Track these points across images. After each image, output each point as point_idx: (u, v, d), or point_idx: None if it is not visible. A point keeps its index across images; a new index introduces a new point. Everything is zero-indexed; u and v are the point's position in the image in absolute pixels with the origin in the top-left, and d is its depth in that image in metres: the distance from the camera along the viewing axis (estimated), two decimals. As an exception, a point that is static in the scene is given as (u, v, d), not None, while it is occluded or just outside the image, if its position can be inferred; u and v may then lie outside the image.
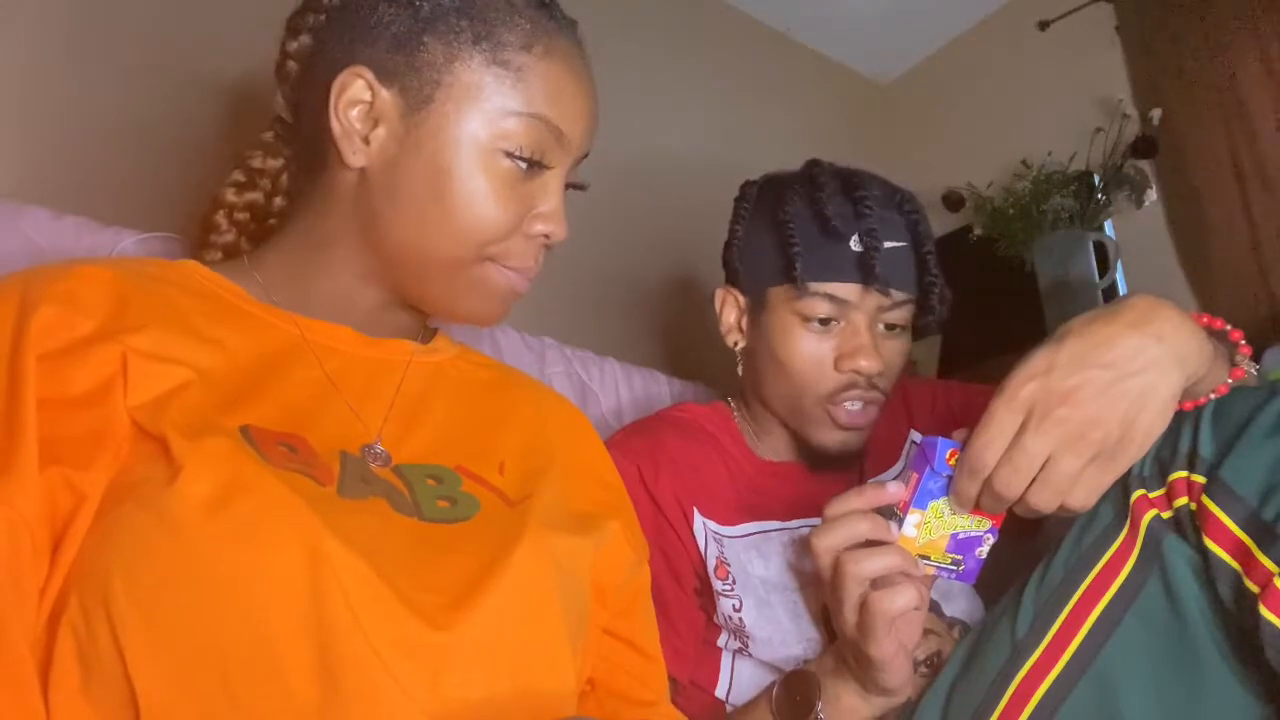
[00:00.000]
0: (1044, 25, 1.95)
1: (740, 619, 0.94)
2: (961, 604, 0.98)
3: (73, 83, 1.26)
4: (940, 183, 1.96)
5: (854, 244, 0.96)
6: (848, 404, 0.98)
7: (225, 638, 0.51)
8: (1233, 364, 0.71)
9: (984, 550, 0.74)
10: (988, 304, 1.77)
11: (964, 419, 1.02)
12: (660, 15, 2.03)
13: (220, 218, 0.78)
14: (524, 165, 0.69)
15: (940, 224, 2.01)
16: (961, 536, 0.73)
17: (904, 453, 1.10)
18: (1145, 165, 1.75)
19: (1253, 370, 0.72)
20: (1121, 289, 1.75)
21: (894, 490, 0.76)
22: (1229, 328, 0.73)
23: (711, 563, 0.97)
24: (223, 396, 0.61)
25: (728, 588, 0.96)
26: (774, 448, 1.07)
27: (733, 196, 1.10)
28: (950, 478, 0.72)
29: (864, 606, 0.76)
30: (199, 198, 0.83)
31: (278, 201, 0.79)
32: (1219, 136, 1.65)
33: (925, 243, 1.00)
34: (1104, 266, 1.69)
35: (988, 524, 0.73)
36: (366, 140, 0.69)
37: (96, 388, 0.57)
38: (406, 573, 0.58)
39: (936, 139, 2.20)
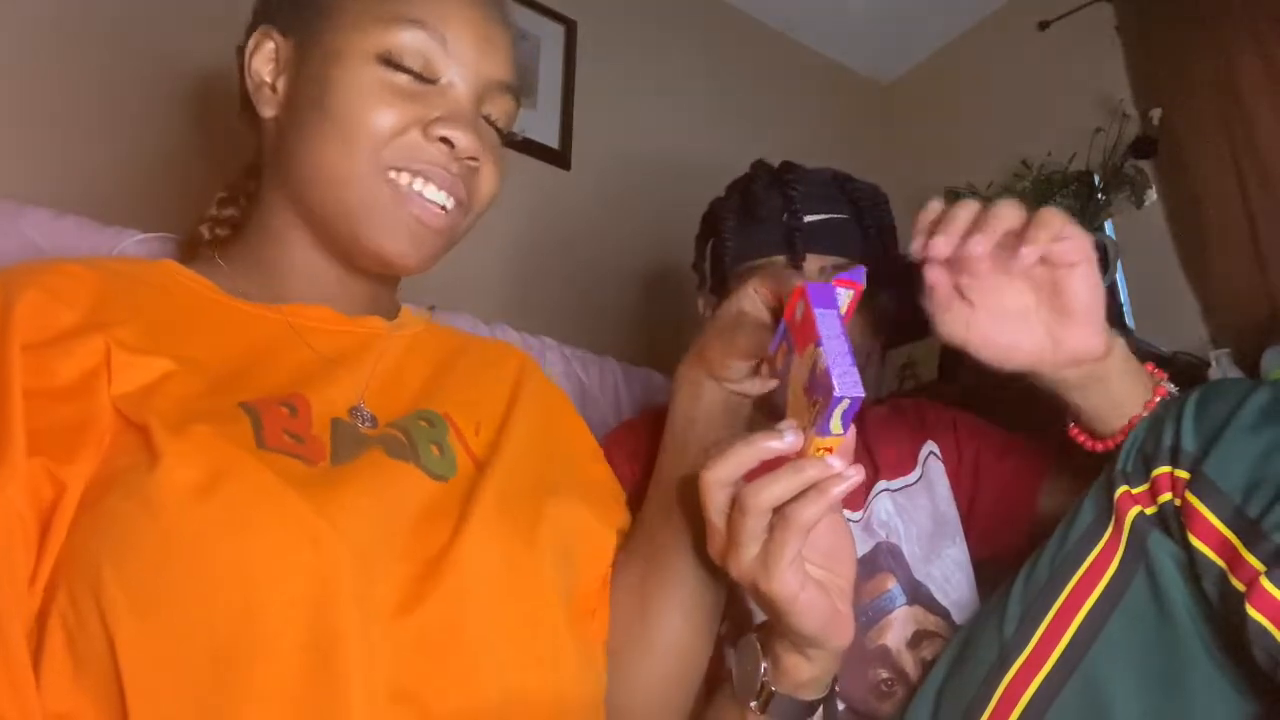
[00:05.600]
0: (1044, 25, 1.95)
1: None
2: (964, 592, 0.98)
3: (72, 81, 1.27)
4: (940, 183, 1.96)
5: (783, 220, 1.01)
6: None
7: (214, 625, 0.52)
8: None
9: (822, 363, 0.61)
10: (987, 304, 1.77)
11: (985, 475, 1.02)
12: (660, 15, 2.03)
13: (204, 229, 0.81)
14: (405, 74, 0.69)
15: (940, 224, 2.01)
16: (807, 381, 0.64)
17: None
18: (1145, 165, 1.75)
19: (1173, 389, 0.73)
20: (1121, 289, 1.75)
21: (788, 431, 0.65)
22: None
23: None
24: (212, 383, 0.61)
25: None
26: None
27: (733, 196, 1.12)
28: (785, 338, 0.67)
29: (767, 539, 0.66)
30: (198, 198, 0.84)
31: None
32: (1219, 136, 1.65)
33: (867, 216, 1.03)
34: (1104, 266, 1.68)
35: (812, 347, 0.63)
36: (275, 89, 0.73)
37: (80, 379, 0.58)
38: (392, 547, 0.58)
39: (936, 139, 2.20)
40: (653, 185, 1.86)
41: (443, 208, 0.71)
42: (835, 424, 0.60)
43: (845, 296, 0.65)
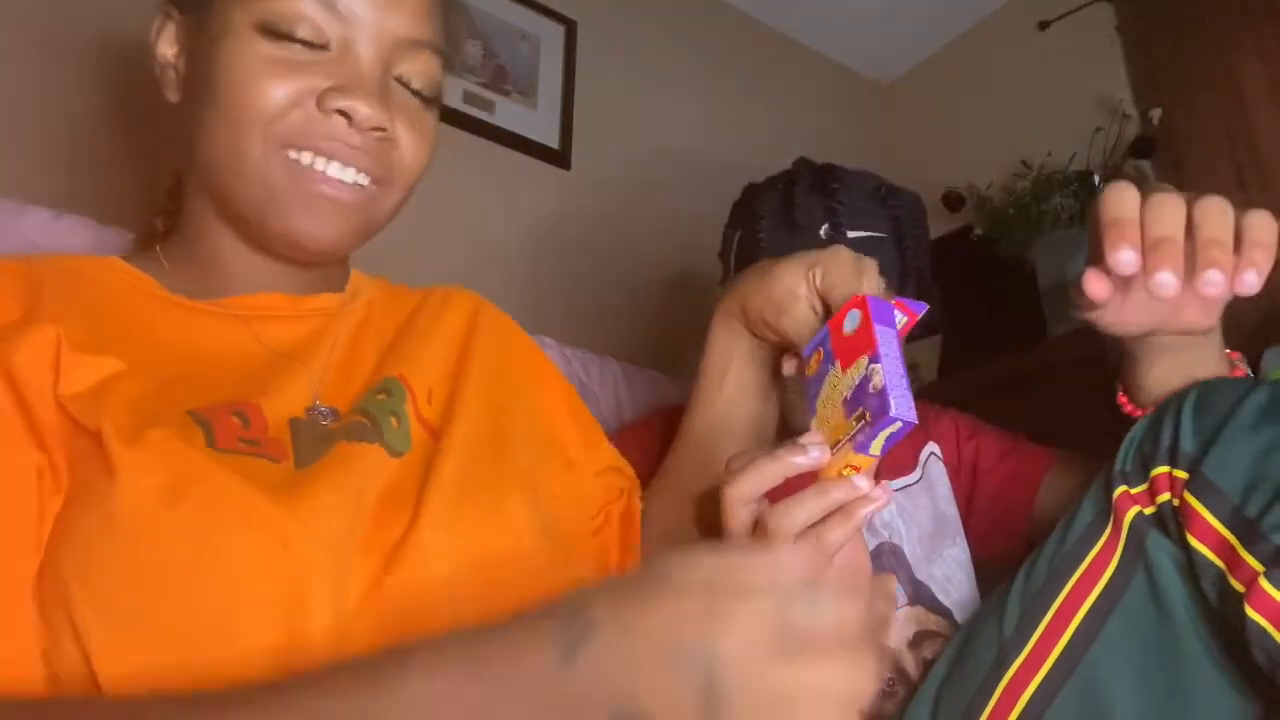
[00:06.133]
0: (1044, 25, 1.95)
1: None
2: (965, 592, 0.98)
3: (69, 81, 1.27)
4: (940, 183, 1.96)
5: (822, 234, 0.98)
6: None
7: (189, 634, 0.50)
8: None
9: (878, 380, 0.59)
10: (988, 304, 1.77)
11: (983, 476, 1.02)
12: (660, 15, 2.03)
13: (159, 222, 0.78)
14: (293, 42, 0.62)
15: (940, 224, 2.01)
16: (850, 394, 0.61)
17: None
18: (1145, 165, 1.75)
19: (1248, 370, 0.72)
20: (1121, 289, 1.75)
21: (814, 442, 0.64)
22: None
23: None
24: (159, 385, 0.58)
25: None
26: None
27: (732, 196, 1.11)
28: (823, 356, 0.65)
29: None
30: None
31: None
32: (1219, 136, 1.65)
33: (907, 237, 1.00)
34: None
35: (864, 359, 0.61)
36: (177, 70, 0.69)
37: (38, 373, 0.55)
38: (356, 538, 0.55)
39: (936, 139, 2.20)
40: (653, 185, 1.86)
41: (355, 184, 0.65)
42: (877, 445, 0.59)
43: (900, 320, 0.63)
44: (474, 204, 1.63)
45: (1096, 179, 1.75)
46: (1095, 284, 0.64)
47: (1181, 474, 0.65)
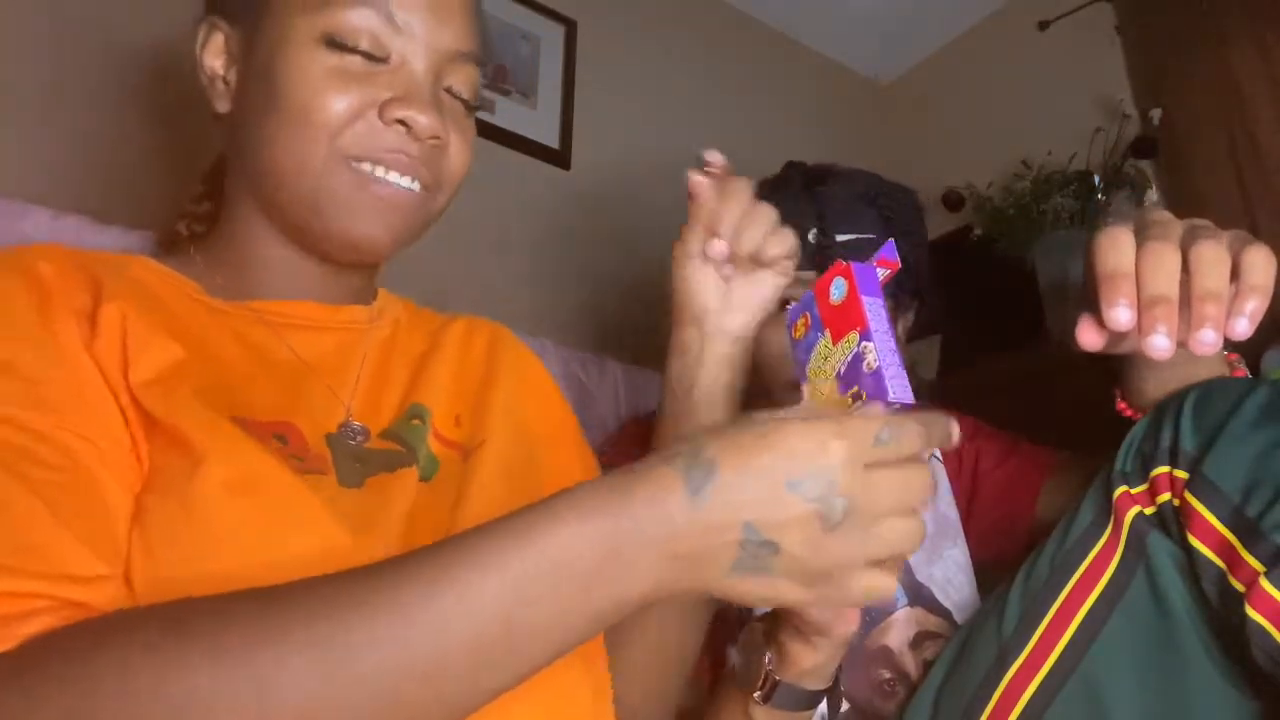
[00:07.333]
0: (1044, 25, 1.95)
1: None
2: (966, 594, 0.99)
3: (70, 81, 1.27)
4: (940, 183, 1.96)
5: (810, 238, 0.98)
6: None
7: None
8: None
9: (871, 359, 0.60)
10: (987, 304, 1.77)
11: (984, 478, 1.01)
12: (660, 15, 2.03)
13: (181, 226, 0.79)
14: (354, 55, 0.65)
15: (940, 224, 2.01)
16: (843, 369, 0.62)
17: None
18: (1145, 165, 1.75)
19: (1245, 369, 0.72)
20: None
21: None
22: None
23: None
24: (209, 383, 0.60)
25: None
26: None
27: (732, 197, 1.10)
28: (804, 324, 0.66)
29: None
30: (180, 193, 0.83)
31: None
32: (1219, 136, 1.65)
33: (898, 236, 1.00)
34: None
35: (855, 335, 0.62)
36: (227, 81, 0.70)
37: (112, 361, 0.57)
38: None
39: (936, 139, 2.20)
40: (653, 185, 1.86)
41: (409, 189, 0.68)
42: None
43: (881, 275, 0.64)
44: (473, 204, 1.63)
45: (1096, 179, 1.75)
46: (1088, 335, 0.64)
47: (1182, 474, 0.65)
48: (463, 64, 0.71)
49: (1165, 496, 0.66)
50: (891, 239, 0.64)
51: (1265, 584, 0.58)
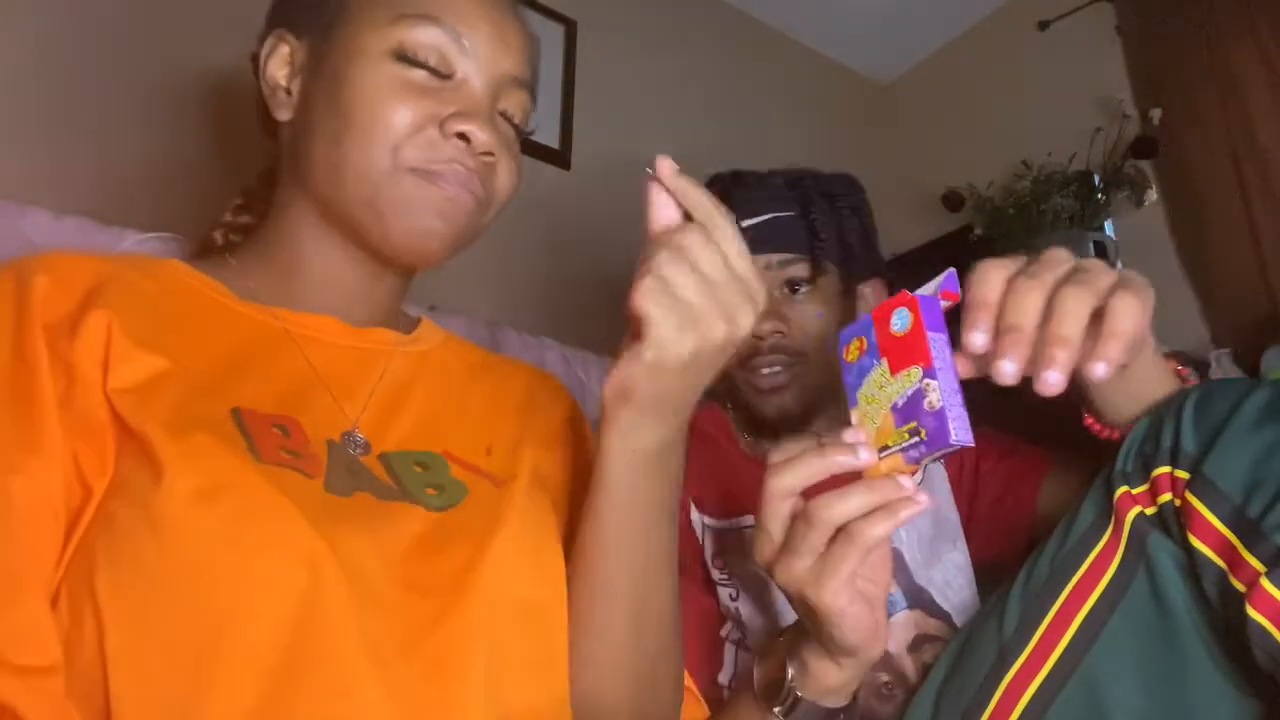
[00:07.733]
0: (1044, 25, 1.95)
1: (736, 608, 0.96)
2: (965, 596, 0.98)
3: (70, 81, 1.27)
4: (940, 183, 1.96)
5: None
6: (762, 369, 1.02)
7: (204, 639, 0.51)
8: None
9: (934, 398, 0.60)
10: (987, 304, 1.77)
11: (984, 479, 1.02)
12: (660, 15, 2.03)
13: (217, 235, 0.81)
14: (421, 70, 0.69)
15: (940, 224, 2.01)
16: (901, 403, 0.62)
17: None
18: (1145, 165, 1.75)
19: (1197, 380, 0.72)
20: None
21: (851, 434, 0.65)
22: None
23: (709, 552, 1.00)
24: (207, 384, 0.61)
25: (724, 577, 0.98)
26: (765, 448, 1.09)
27: (733, 196, 1.11)
28: (863, 349, 0.66)
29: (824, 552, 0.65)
30: (200, 199, 0.84)
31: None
32: (1219, 136, 1.65)
33: (814, 210, 1.04)
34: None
35: (917, 370, 0.62)
36: (289, 91, 0.73)
37: (88, 362, 0.58)
38: (392, 571, 0.58)
39: (936, 139, 2.20)
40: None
41: (465, 200, 0.70)
42: (928, 460, 0.62)
43: (944, 306, 0.65)
44: (474, 204, 1.62)
45: (1097, 179, 1.75)
46: (960, 362, 0.65)
47: (1183, 474, 0.64)
48: (518, 90, 0.74)
49: (1166, 497, 0.66)
50: (953, 270, 0.65)
51: (1266, 584, 0.58)
